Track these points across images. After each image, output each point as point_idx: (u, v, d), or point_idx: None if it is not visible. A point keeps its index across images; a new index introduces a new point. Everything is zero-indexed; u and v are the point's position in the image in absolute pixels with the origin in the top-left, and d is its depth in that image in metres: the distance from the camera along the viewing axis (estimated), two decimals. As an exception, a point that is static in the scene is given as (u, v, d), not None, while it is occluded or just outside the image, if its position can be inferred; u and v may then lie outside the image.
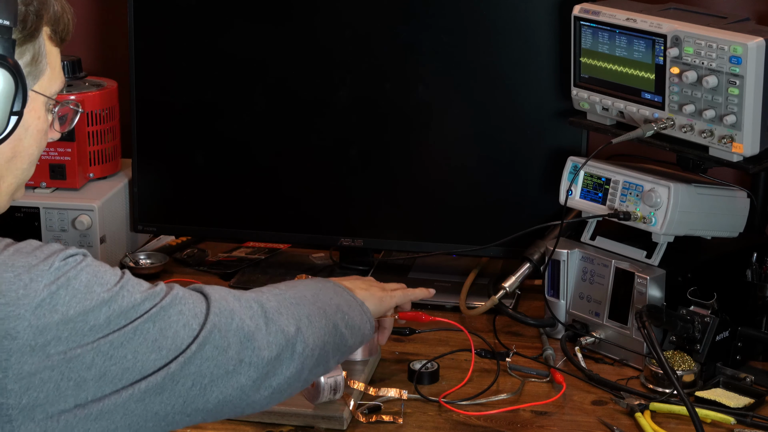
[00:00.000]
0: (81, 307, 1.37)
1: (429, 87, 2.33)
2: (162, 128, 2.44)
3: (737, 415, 1.89)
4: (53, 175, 2.41)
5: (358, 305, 1.77)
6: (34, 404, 1.34)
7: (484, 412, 1.92)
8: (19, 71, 1.43)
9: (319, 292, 1.72)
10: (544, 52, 2.27)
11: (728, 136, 1.97)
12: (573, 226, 2.20)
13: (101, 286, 1.39)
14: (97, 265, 1.42)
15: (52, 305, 1.35)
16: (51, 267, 1.37)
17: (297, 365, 1.57)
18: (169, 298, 1.45)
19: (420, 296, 2.01)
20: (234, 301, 1.53)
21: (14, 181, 1.51)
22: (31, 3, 1.44)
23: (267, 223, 2.44)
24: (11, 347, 1.33)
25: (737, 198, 2.15)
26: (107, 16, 2.68)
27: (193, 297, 1.49)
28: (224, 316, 1.49)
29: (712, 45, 1.94)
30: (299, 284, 1.73)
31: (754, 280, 2.13)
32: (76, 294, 1.37)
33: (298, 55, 2.35)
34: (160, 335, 1.42)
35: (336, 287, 1.78)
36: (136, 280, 1.45)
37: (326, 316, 1.67)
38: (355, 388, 1.91)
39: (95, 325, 1.37)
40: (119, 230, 2.48)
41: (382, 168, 2.37)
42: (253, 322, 1.52)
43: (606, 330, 2.11)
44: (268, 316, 1.55)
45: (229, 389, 1.49)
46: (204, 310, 1.48)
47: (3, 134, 1.43)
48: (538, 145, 2.31)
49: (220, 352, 1.47)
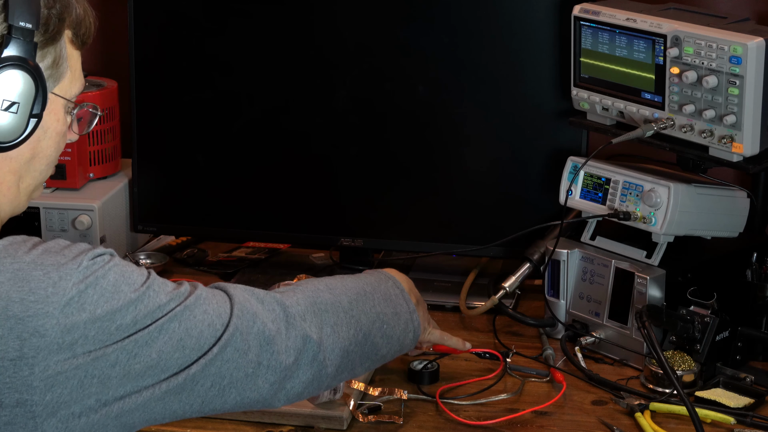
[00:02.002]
0: (109, 307, 1.38)
1: (429, 87, 2.33)
2: (162, 128, 2.44)
3: (737, 415, 1.89)
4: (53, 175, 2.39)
5: (407, 313, 1.75)
6: (58, 401, 1.35)
7: (486, 422, 1.92)
8: (40, 74, 1.44)
9: (364, 297, 1.70)
10: (544, 52, 2.27)
11: (728, 136, 1.97)
12: (573, 226, 2.20)
13: (129, 286, 1.40)
14: (125, 264, 1.43)
15: (81, 304, 1.36)
16: (80, 266, 1.38)
17: (314, 371, 1.57)
18: (193, 298, 1.45)
19: (454, 345, 1.96)
20: (257, 304, 1.53)
21: (32, 182, 1.53)
22: (54, 6, 1.45)
23: (267, 223, 2.44)
24: (39, 345, 1.34)
25: (737, 198, 2.15)
26: (107, 16, 2.68)
27: (217, 297, 1.49)
28: (246, 318, 1.49)
29: (712, 45, 1.94)
30: (347, 283, 1.70)
31: (754, 280, 2.13)
32: (104, 293, 1.38)
33: (298, 55, 2.35)
34: (186, 334, 1.43)
35: (395, 293, 1.75)
36: (161, 280, 1.45)
37: (357, 325, 1.65)
38: (355, 388, 1.91)
39: (122, 324, 1.38)
40: (119, 230, 2.48)
41: (382, 168, 2.37)
42: (274, 325, 1.52)
43: (606, 330, 2.11)
44: (289, 320, 1.55)
45: (247, 391, 1.50)
46: (228, 311, 1.48)
47: (22, 136, 1.45)
48: (538, 145, 2.31)
49: (240, 354, 1.47)
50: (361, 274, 1.78)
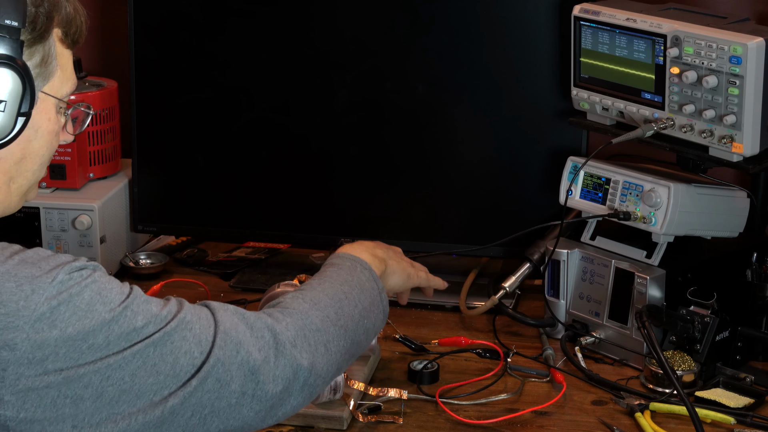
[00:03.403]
0: (81, 326, 1.35)
1: (429, 87, 2.33)
2: (162, 128, 2.44)
3: (737, 415, 1.89)
4: (53, 175, 2.41)
5: (378, 298, 1.71)
6: (32, 419, 1.33)
7: (486, 421, 1.92)
8: (27, 72, 1.42)
9: (347, 301, 1.64)
10: (544, 52, 2.27)
11: (728, 136, 1.97)
12: (573, 226, 2.20)
13: (104, 305, 1.37)
14: (105, 281, 1.40)
15: (52, 321, 1.33)
16: (54, 280, 1.35)
17: (306, 395, 1.53)
18: (174, 322, 1.42)
19: (438, 286, 1.99)
20: (245, 330, 1.48)
21: (24, 183, 1.50)
22: (42, 4, 1.43)
23: (267, 223, 2.44)
24: (9, 358, 1.31)
25: (737, 198, 2.15)
26: (107, 16, 2.68)
27: (201, 322, 1.45)
28: (229, 348, 1.45)
29: (712, 45, 1.94)
30: (329, 290, 1.64)
31: (754, 280, 2.13)
32: (77, 311, 1.35)
33: (298, 55, 2.35)
34: (160, 360, 1.39)
35: (366, 277, 1.71)
36: (143, 299, 1.42)
37: (345, 333, 1.61)
38: (355, 388, 1.91)
39: (94, 344, 1.35)
40: (119, 230, 2.48)
41: (382, 168, 2.37)
42: (261, 354, 1.47)
43: (606, 330, 2.11)
44: (279, 348, 1.49)
45: (231, 420, 1.45)
46: (210, 338, 1.44)
47: (10, 135, 1.43)
48: (538, 145, 2.31)
49: (222, 385, 1.44)
50: (334, 270, 1.70)
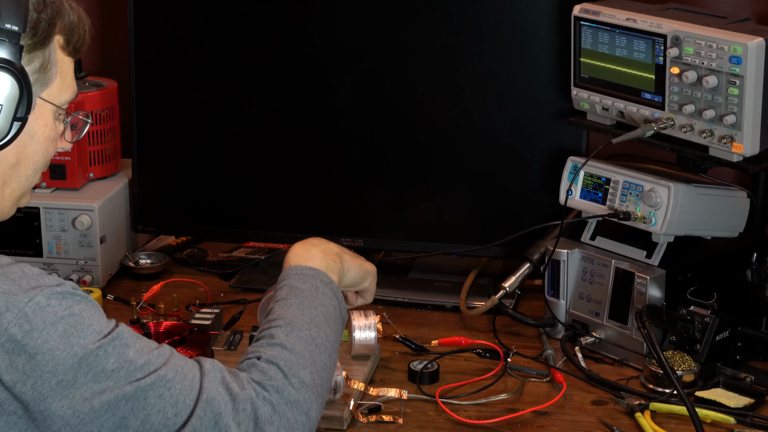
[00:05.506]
0: (50, 356, 1.32)
1: (429, 87, 2.33)
2: (162, 128, 2.44)
3: (737, 415, 1.89)
4: (53, 175, 2.41)
5: (338, 309, 1.65)
6: None
7: (486, 421, 1.92)
8: (25, 77, 1.42)
9: (318, 326, 1.57)
10: (544, 52, 2.27)
11: (728, 136, 1.97)
12: (573, 226, 2.20)
13: (79, 339, 1.34)
14: (87, 315, 1.37)
15: (21, 345, 1.32)
16: (30, 301, 1.33)
17: None
18: (152, 378, 1.38)
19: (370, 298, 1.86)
20: (228, 402, 1.42)
21: (18, 188, 1.49)
22: (44, 10, 1.43)
23: (267, 223, 2.44)
24: None
25: (737, 198, 2.16)
26: (107, 16, 2.68)
27: (185, 383, 1.41)
28: (208, 418, 1.40)
29: (712, 45, 1.94)
30: (303, 318, 1.57)
31: (754, 280, 2.13)
32: (48, 340, 1.33)
33: (298, 55, 2.35)
34: (130, 414, 1.36)
35: (329, 298, 1.64)
36: (123, 342, 1.38)
37: (321, 363, 1.53)
38: (355, 388, 1.91)
39: (63, 380, 1.33)
40: (119, 230, 2.48)
41: (382, 168, 2.37)
42: (240, 429, 1.41)
43: (606, 330, 2.11)
44: (259, 424, 1.43)
45: None
46: (191, 405, 1.40)
47: (5, 139, 1.43)
48: (538, 145, 2.31)
49: None
50: (297, 291, 1.62)
